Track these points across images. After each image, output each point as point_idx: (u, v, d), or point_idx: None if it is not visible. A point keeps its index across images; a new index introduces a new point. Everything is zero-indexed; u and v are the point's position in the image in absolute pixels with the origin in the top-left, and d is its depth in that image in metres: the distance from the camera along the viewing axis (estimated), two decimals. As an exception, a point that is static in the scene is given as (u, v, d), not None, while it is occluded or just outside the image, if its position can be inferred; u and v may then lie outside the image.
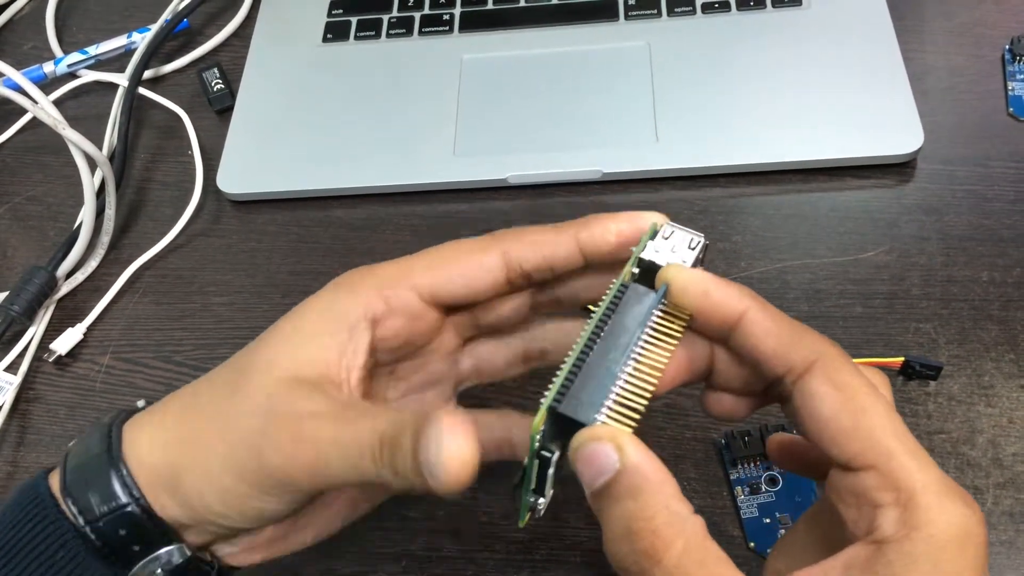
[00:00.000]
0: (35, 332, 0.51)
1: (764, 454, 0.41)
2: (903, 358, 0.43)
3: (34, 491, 0.30)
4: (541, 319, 0.35)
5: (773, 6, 0.56)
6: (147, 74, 0.60)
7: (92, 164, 0.51)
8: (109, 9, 0.66)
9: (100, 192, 0.53)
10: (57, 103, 0.58)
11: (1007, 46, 0.53)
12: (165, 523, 0.30)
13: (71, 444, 0.31)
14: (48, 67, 0.61)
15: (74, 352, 0.50)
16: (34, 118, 0.57)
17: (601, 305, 0.28)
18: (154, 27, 0.61)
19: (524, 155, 0.52)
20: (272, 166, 0.54)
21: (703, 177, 0.51)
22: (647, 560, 0.24)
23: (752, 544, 0.40)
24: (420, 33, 0.59)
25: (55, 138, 0.51)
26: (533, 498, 0.28)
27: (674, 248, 0.29)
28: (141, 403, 0.33)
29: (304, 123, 0.56)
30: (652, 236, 0.30)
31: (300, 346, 0.29)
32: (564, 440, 0.26)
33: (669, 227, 0.30)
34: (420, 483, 0.26)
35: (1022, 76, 0.52)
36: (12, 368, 0.50)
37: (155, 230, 0.54)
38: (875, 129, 0.50)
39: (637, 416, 0.26)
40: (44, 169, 0.58)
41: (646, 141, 0.51)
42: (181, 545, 0.30)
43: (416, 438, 0.25)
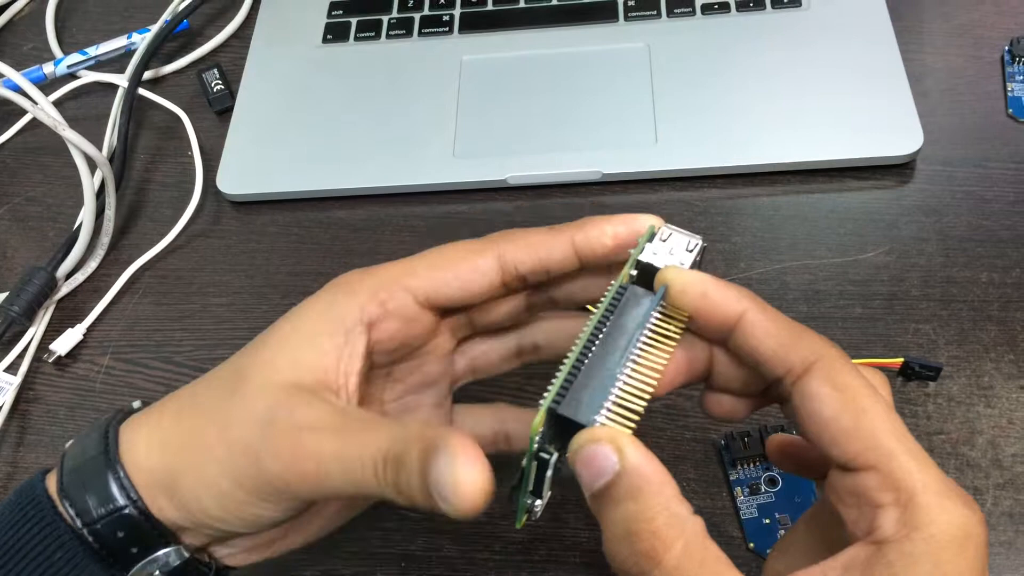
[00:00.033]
0: (35, 333, 0.51)
1: (764, 455, 0.41)
2: (902, 359, 0.43)
3: (31, 493, 0.30)
4: (535, 317, 0.35)
5: (773, 7, 0.56)
6: (147, 75, 0.60)
7: (92, 165, 0.51)
8: (109, 10, 0.66)
9: (100, 193, 0.53)
10: (57, 104, 0.58)
11: (1006, 47, 0.53)
12: (163, 525, 0.30)
13: (68, 445, 0.31)
14: (48, 68, 0.61)
15: (74, 353, 0.50)
16: (34, 119, 0.57)
17: (600, 307, 0.28)
18: (154, 28, 0.61)
19: (524, 156, 0.52)
20: (272, 167, 0.54)
21: (703, 178, 0.51)
22: (647, 561, 0.24)
23: (752, 545, 0.40)
24: (420, 34, 0.59)
25: (55, 139, 0.51)
26: (531, 500, 0.27)
27: (672, 250, 0.29)
28: (137, 404, 0.33)
29: (304, 124, 0.56)
30: (650, 238, 0.29)
31: (298, 350, 0.29)
32: (563, 442, 0.26)
33: (667, 229, 0.30)
34: (426, 503, 0.25)
35: (1021, 77, 0.53)
36: (12, 369, 0.50)
37: (155, 231, 0.54)
38: (874, 130, 0.50)
39: (636, 417, 0.26)
40: (44, 170, 0.58)
41: (646, 142, 0.51)
42: (179, 547, 0.30)
43: (424, 459, 0.25)
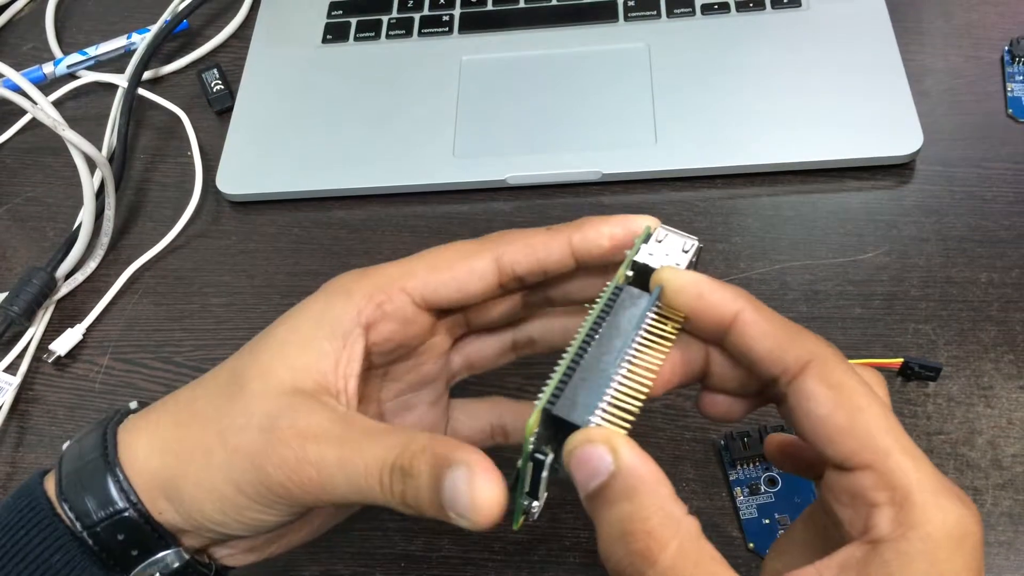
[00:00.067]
0: (34, 333, 0.51)
1: (763, 455, 0.41)
2: (902, 359, 0.43)
3: (29, 495, 0.30)
4: (531, 314, 0.35)
5: (772, 7, 0.56)
6: (147, 75, 0.60)
7: (91, 165, 0.51)
8: (109, 10, 0.66)
9: (99, 193, 0.53)
10: (57, 104, 0.58)
11: (1006, 47, 0.53)
12: (163, 528, 0.30)
13: (65, 447, 0.31)
14: (48, 68, 0.61)
15: (73, 353, 0.50)
16: (34, 119, 0.57)
17: (595, 307, 0.28)
18: (154, 28, 0.61)
19: (523, 156, 0.52)
20: (272, 167, 0.54)
21: (702, 178, 0.51)
22: (642, 562, 0.24)
23: (752, 545, 0.40)
24: (420, 34, 0.59)
25: (55, 139, 0.51)
26: (527, 501, 0.27)
27: (668, 251, 0.29)
28: (134, 404, 0.33)
29: (304, 124, 0.56)
30: (645, 239, 0.29)
31: (296, 355, 0.29)
32: (559, 442, 0.26)
33: (663, 230, 0.30)
34: (436, 514, 0.26)
35: (1021, 78, 0.52)
36: (11, 369, 0.50)
37: (154, 231, 0.54)
38: (874, 130, 0.50)
39: (631, 418, 0.26)
40: (43, 170, 0.58)
41: (645, 142, 0.51)
42: (179, 549, 0.30)
43: (435, 473, 0.25)
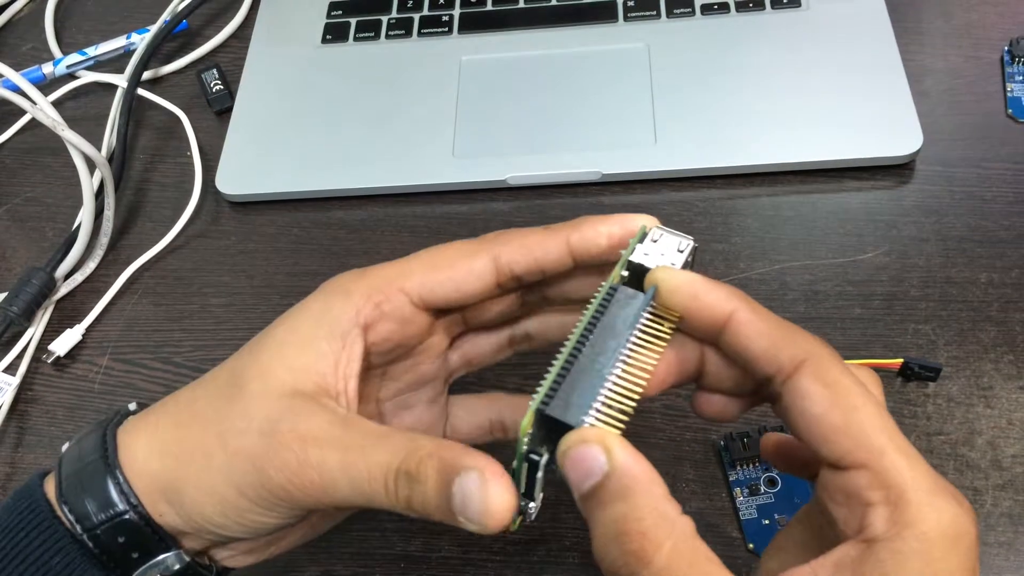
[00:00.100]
0: (34, 333, 0.51)
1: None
2: (902, 359, 0.43)
3: (29, 497, 0.30)
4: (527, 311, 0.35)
5: (772, 7, 0.56)
6: (146, 75, 0.60)
7: (91, 165, 0.51)
8: (108, 10, 0.66)
9: (99, 193, 0.53)
10: (56, 104, 0.58)
11: (1006, 47, 0.53)
12: (164, 530, 0.30)
13: (64, 448, 0.31)
14: (47, 68, 0.61)
15: (73, 353, 0.50)
16: (33, 119, 0.57)
17: (590, 308, 0.28)
18: (153, 28, 0.61)
19: (523, 156, 0.52)
20: (271, 167, 0.54)
21: (702, 178, 0.51)
22: (636, 562, 0.23)
23: (751, 546, 0.40)
24: (419, 34, 0.59)
25: (54, 139, 0.51)
26: (523, 502, 0.27)
27: (663, 251, 0.29)
28: (133, 406, 0.33)
29: (303, 124, 0.56)
30: (641, 239, 0.29)
31: (295, 356, 0.29)
32: (553, 443, 0.26)
33: (658, 230, 0.30)
34: (444, 518, 0.26)
35: (1021, 78, 0.52)
36: (11, 369, 0.49)
37: (154, 231, 0.54)
38: (874, 130, 0.50)
39: (625, 418, 0.26)
40: (43, 170, 0.58)
41: (645, 142, 0.51)
42: (179, 551, 0.30)
43: (443, 479, 0.26)
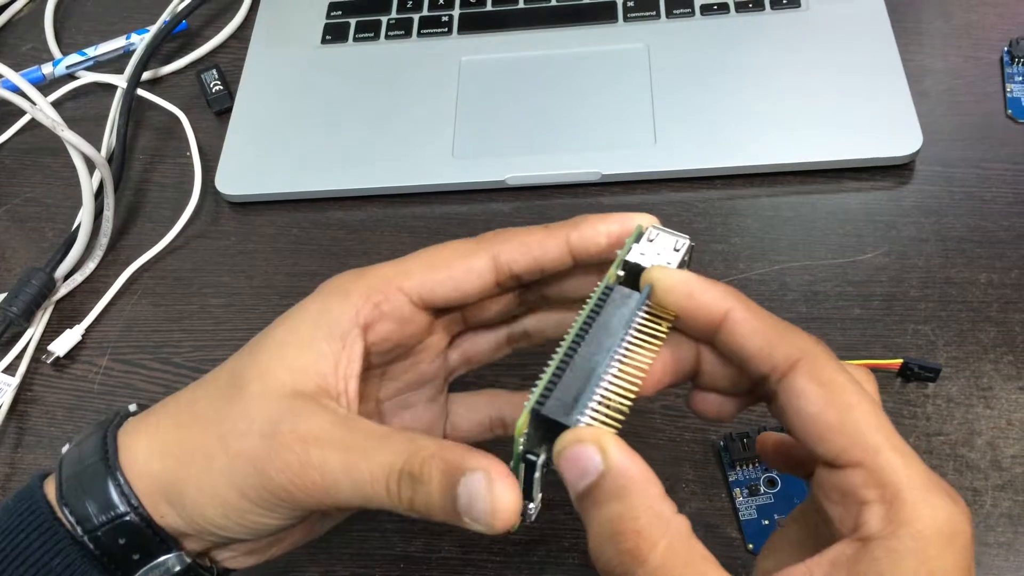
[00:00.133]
0: (33, 334, 0.51)
1: (763, 456, 0.41)
2: (901, 360, 0.43)
3: (29, 499, 0.30)
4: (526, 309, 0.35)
5: (772, 8, 0.56)
6: (146, 75, 0.60)
7: (90, 165, 0.51)
8: (108, 10, 0.66)
9: (98, 193, 0.53)
10: (56, 104, 0.58)
11: (1005, 48, 0.53)
12: (164, 531, 0.30)
13: (65, 450, 0.31)
14: (47, 68, 0.61)
15: (72, 354, 0.50)
16: (33, 119, 0.57)
17: (585, 307, 0.28)
18: (153, 28, 0.61)
19: (523, 157, 0.52)
20: (271, 168, 0.54)
21: (702, 179, 0.51)
22: (631, 561, 0.23)
23: (751, 546, 0.40)
24: (419, 35, 0.59)
25: (53, 139, 0.51)
26: (523, 503, 0.27)
27: (659, 250, 0.29)
28: (133, 407, 0.33)
29: (303, 125, 0.56)
30: (637, 239, 0.29)
31: (295, 357, 0.29)
32: (550, 443, 0.26)
33: (654, 230, 0.30)
34: (447, 519, 0.26)
35: (1020, 78, 0.52)
36: (10, 370, 0.49)
37: (153, 231, 0.54)
38: (874, 131, 0.50)
39: (621, 417, 0.26)
40: (42, 170, 0.58)
41: (645, 143, 0.51)
42: (180, 552, 0.30)
43: (447, 480, 0.26)
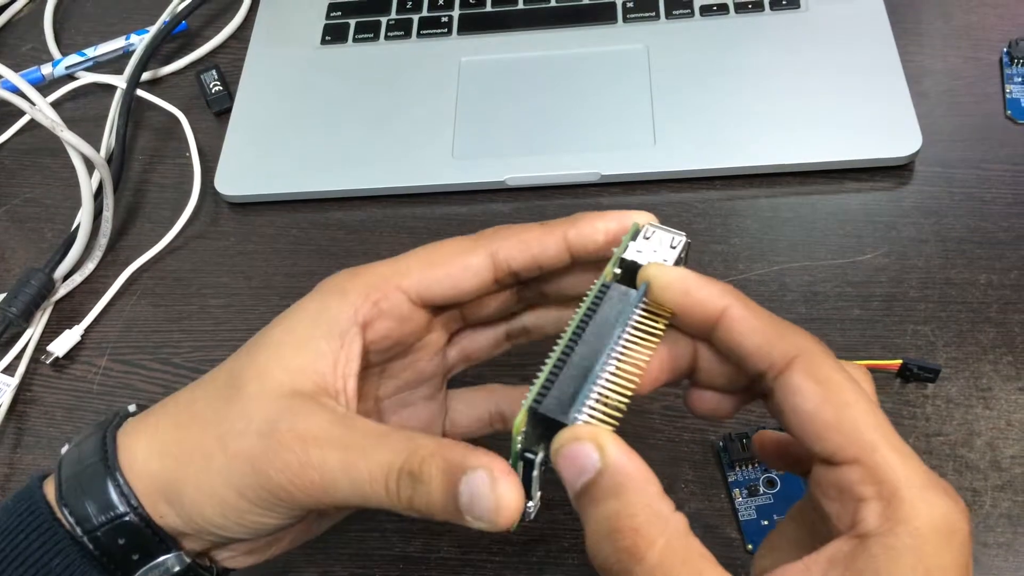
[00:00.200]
0: (32, 334, 0.50)
1: (762, 456, 0.41)
2: (901, 360, 0.43)
3: (28, 499, 0.30)
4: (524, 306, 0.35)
5: (771, 8, 0.56)
6: (145, 76, 0.60)
7: (90, 166, 0.51)
8: (107, 11, 0.66)
9: (98, 194, 0.53)
10: (55, 105, 0.58)
11: (1005, 49, 0.53)
12: (164, 531, 0.30)
13: (64, 450, 0.31)
14: (46, 69, 0.61)
15: (71, 354, 0.50)
16: (32, 120, 0.57)
17: (582, 305, 0.28)
18: (152, 29, 0.61)
19: (522, 157, 0.52)
20: (270, 168, 0.54)
21: (701, 179, 0.51)
22: (629, 559, 0.23)
23: (750, 546, 0.40)
24: (419, 35, 0.59)
25: (53, 140, 0.51)
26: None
27: (655, 248, 0.29)
28: (132, 407, 0.33)
29: (302, 125, 0.56)
30: (633, 236, 0.30)
31: (294, 356, 0.29)
32: (548, 441, 0.26)
33: (651, 227, 0.30)
34: (448, 518, 0.26)
35: (1020, 79, 0.53)
36: (9, 370, 0.49)
37: (153, 232, 0.54)
38: (873, 132, 0.50)
39: (619, 415, 0.26)
40: (42, 171, 0.58)
41: (644, 143, 0.51)
42: (180, 552, 0.30)
43: (448, 479, 0.26)
